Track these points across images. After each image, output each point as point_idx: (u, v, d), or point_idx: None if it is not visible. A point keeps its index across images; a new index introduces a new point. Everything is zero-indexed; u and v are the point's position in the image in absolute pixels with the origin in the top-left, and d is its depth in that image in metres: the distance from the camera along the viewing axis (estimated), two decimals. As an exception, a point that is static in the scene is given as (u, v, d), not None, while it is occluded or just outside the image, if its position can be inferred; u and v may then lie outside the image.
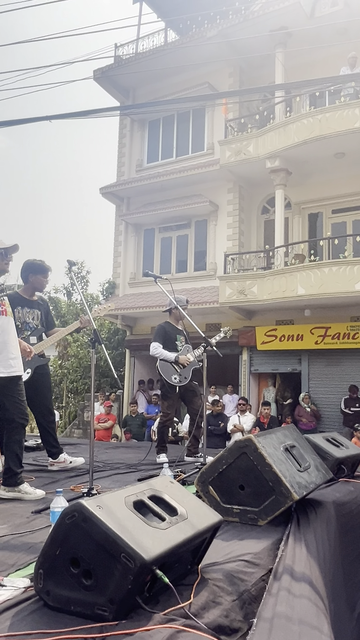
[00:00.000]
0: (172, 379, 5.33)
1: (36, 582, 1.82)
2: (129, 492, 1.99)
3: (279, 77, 12.43)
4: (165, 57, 13.93)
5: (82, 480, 4.15)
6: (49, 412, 4.86)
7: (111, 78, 15.17)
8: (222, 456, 2.96)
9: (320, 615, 1.84)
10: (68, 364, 17.51)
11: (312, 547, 2.51)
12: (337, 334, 11.83)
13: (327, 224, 12.90)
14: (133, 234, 15.25)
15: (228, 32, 12.89)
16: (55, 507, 2.44)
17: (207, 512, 2.18)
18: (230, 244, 13.41)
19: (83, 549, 1.73)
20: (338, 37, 12.21)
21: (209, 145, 14.12)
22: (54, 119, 6.54)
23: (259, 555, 2.33)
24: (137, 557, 1.64)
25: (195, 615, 1.74)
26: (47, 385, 4.87)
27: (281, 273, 11.41)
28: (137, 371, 15.10)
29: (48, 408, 4.83)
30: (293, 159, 12.05)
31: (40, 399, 4.74)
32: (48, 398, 4.85)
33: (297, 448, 3.25)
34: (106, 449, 6.80)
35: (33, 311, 4.77)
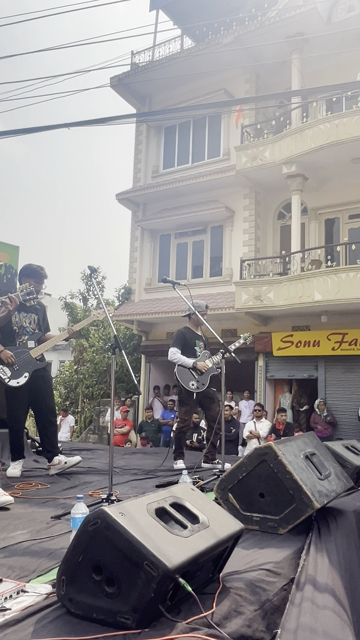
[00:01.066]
0: (189, 385, 5.31)
1: (58, 588, 1.82)
2: (150, 499, 1.98)
3: (295, 83, 12.41)
4: (181, 64, 13.99)
5: (100, 485, 4.16)
6: (50, 415, 4.90)
7: (128, 85, 15.29)
8: (241, 463, 2.94)
9: (345, 628, 1.81)
10: (84, 369, 17.56)
11: (333, 557, 2.48)
12: (355, 340, 11.72)
13: (344, 230, 12.82)
14: (149, 239, 15.29)
15: (244, 39, 12.91)
16: (76, 513, 2.44)
17: (228, 520, 2.17)
18: (246, 249, 13.38)
19: (106, 556, 1.73)
20: (355, 42, 12.17)
21: (225, 151, 14.14)
22: (72, 126, 6.59)
23: (280, 564, 2.31)
24: (160, 566, 1.64)
25: (218, 624, 1.73)
26: (47, 388, 4.90)
27: (297, 279, 11.35)
28: (153, 377, 15.10)
29: (49, 412, 4.87)
30: (309, 165, 12.01)
31: (41, 402, 4.78)
32: (49, 402, 4.88)
33: (317, 456, 3.22)
34: (123, 454, 6.80)
35: (30, 315, 4.81)
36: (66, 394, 18.35)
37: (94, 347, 17.66)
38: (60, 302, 20.31)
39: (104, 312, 3.89)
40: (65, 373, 19.16)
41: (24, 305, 4.75)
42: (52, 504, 3.56)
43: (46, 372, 4.89)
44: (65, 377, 18.77)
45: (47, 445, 4.85)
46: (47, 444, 4.85)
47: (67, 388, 18.40)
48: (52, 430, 4.92)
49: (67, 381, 18.44)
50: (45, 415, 4.84)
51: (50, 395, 4.94)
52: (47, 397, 4.87)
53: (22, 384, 4.54)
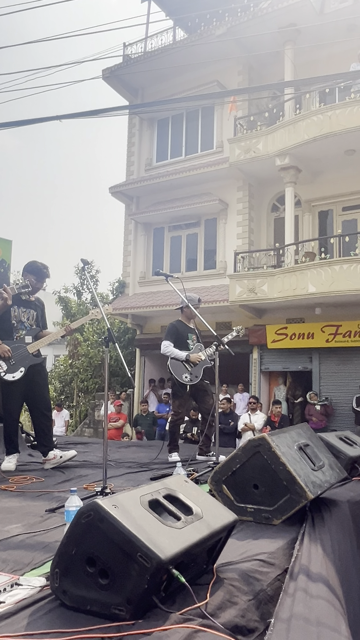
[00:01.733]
0: (183, 378, 5.31)
1: (52, 581, 1.82)
2: (144, 491, 1.98)
3: (288, 74, 12.37)
4: (174, 56, 13.91)
5: (95, 479, 4.16)
6: (46, 409, 4.91)
7: (120, 77, 15.19)
8: (235, 455, 2.94)
9: (338, 616, 1.82)
10: (78, 363, 17.54)
11: (327, 547, 2.49)
12: (349, 332, 11.76)
13: (337, 222, 12.82)
14: (143, 233, 15.25)
15: (236, 30, 12.84)
16: (70, 506, 2.44)
17: (222, 512, 2.17)
18: (240, 242, 13.37)
19: (99, 549, 1.73)
20: (347, 33, 12.13)
21: (218, 143, 14.09)
22: (64, 119, 6.55)
23: (274, 554, 2.32)
24: (153, 557, 1.64)
25: (212, 615, 1.74)
26: (43, 383, 4.91)
27: (291, 271, 11.36)
28: (148, 370, 15.12)
29: (44, 406, 4.88)
30: (303, 157, 11.99)
31: (36, 398, 4.80)
32: (45, 397, 4.90)
33: (311, 447, 3.23)
34: (118, 448, 6.81)
35: (29, 311, 4.83)
36: (61, 388, 18.34)
37: (88, 341, 17.63)
38: (54, 296, 20.25)
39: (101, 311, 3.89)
40: (60, 367, 19.14)
41: (24, 301, 4.78)
42: (47, 498, 3.56)
43: (42, 367, 4.91)
44: (60, 372, 18.75)
45: (42, 440, 4.87)
46: (42, 438, 4.86)
47: (62, 382, 18.39)
48: (47, 424, 4.93)
49: (62, 375, 18.42)
50: (40, 410, 4.86)
51: (45, 390, 4.96)
52: (43, 392, 4.89)
53: (17, 379, 4.56)
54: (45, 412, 4.92)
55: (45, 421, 4.91)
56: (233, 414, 10.51)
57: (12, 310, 4.68)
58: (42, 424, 4.88)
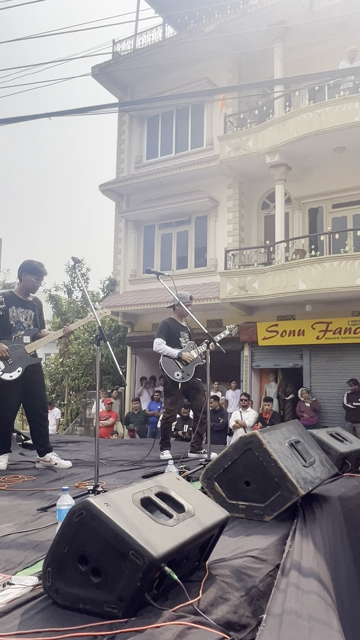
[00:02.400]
0: (175, 376, 5.32)
1: (44, 580, 1.82)
2: (136, 489, 1.99)
3: (278, 71, 12.38)
4: (164, 53, 13.88)
5: (87, 477, 4.16)
6: (42, 410, 4.89)
7: (109, 74, 15.12)
8: (227, 452, 2.95)
9: (330, 611, 1.84)
10: (69, 361, 17.49)
11: (318, 543, 2.51)
12: (339, 329, 11.82)
13: (327, 219, 12.87)
14: (133, 230, 15.23)
15: (226, 27, 12.84)
16: (61, 504, 2.44)
17: (214, 509, 2.18)
18: (230, 239, 13.39)
19: (91, 547, 1.73)
20: (336, 30, 12.16)
21: (208, 140, 14.09)
22: (53, 116, 6.52)
23: (266, 551, 2.33)
24: (145, 555, 1.64)
25: (204, 611, 1.74)
26: (40, 384, 4.90)
27: (282, 268, 11.40)
28: (139, 368, 15.11)
29: (41, 406, 4.86)
30: (293, 154, 12.02)
31: (33, 398, 4.78)
32: (41, 397, 4.88)
33: (302, 443, 3.25)
34: (109, 446, 6.81)
35: (27, 311, 4.82)
36: (52, 386, 18.27)
37: (79, 340, 17.58)
38: (45, 294, 20.15)
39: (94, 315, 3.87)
40: (51, 366, 19.07)
41: (22, 301, 4.77)
42: (39, 496, 3.55)
43: (39, 367, 4.90)
44: (51, 370, 18.68)
45: (39, 440, 4.84)
46: (39, 438, 4.84)
47: (53, 381, 18.32)
48: (44, 425, 4.92)
49: (53, 374, 18.35)
50: (37, 410, 4.84)
51: (42, 390, 4.94)
52: (40, 393, 4.88)
53: (15, 378, 4.55)
54: (42, 412, 4.90)
55: (42, 421, 4.89)
56: (222, 412, 10.54)
57: (11, 311, 4.68)
58: (39, 424, 4.86)
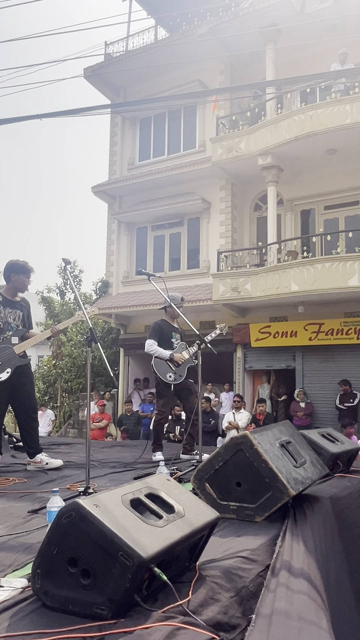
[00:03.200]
0: (167, 377, 5.32)
1: (34, 582, 1.81)
2: (125, 491, 1.98)
3: (270, 74, 12.42)
4: (156, 55, 13.90)
5: (79, 479, 4.14)
6: (32, 411, 4.86)
7: (102, 76, 15.12)
8: (218, 453, 2.96)
9: (319, 611, 1.84)
10: (62, 363, 17.44)
11: (309, 543, 2.51)
12: (331, 330, 11.86)
13: (319, 221, 12.92)
14: (126, 232, 15.22)
15: (218, 29, 12.87)
16: (51, 506, 2.43)
17: (204, 509, 2.18)
18: (223, 241, 13.40)
19: (80, 548, 1.73)
20: (328, 33, 12.22)
21: (200, 142, 14.11)
22: (44, 117, 6.51)
23: (256, 551, 2.33)
24: (135, 556, 1.64)
25: (194, 612, 1.74)
26: (29, 385, 4.87)
27: (274, 270, 11.42)
28: (132, 370, 15.09)
29: (31, 408, 4.84)
30: (285, 156, 12.06)
31: (22, 399, 4.75)
32: (31, 398, 4.85)
33: (293, 444, 3.26)
34: (102, 448, 6.79)
35: (15, 312, 4.78)
36: (45, 388, 18.22)
37: (72, 341, 17.55)
38: (37, 296, 20.11)
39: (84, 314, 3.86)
40: (43, 368, 19.01)
41: (10, 301, 4.74)
42: (30, 499, 3.54)
43: (28, 368, 4.86)
44: (43, 372, 18.63)
45: (29, 442, 4.81)
46: (29, 440, 4.81)
47: (46, 383, 18.27)
48: (34, 426, 4.89)
49: (46, 376, 18.30)
50: (26, 411, 4.81)
51: (32, 391, 4.91)
52: (29, 394, 4.84)
53: (3, 380, 4.52)
54: (32, 414, 4.88)
55: (32, 423, 4.87)
56: (213, 413, 10.56)
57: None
58: (28, 425, 4.83)
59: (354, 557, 3.15)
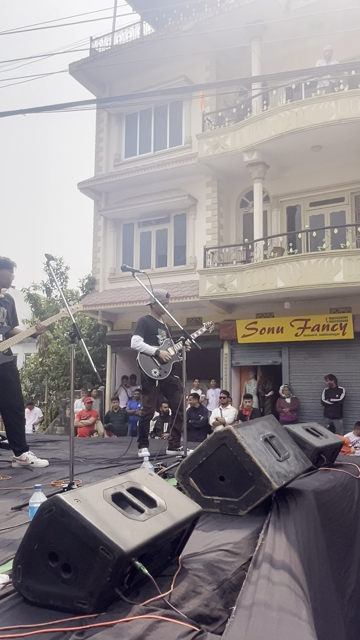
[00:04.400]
0: (152, 373, 5.32)
1: (15, 577, 1.81)
2: (107, 485, 1.99)
3: (256, 70, 12.43)
4: (142, 51, 13.84)
5: (63, 475, 4.13)
6: (18, 409, 4.82)
7: (87, 72, 15.02)
8: (202, 448, 2.96)
9: (299, 602, 1.86)
10: (49, 361, 17.37)
11: (291, 536, 2.53)
12: (317, 326, 11.93)
13: (305, 217, 12.98)
14: (112, 229, 15.16)
15: (204, 25, 12.84)
16: (34, 502, 2.43)
17: (186, 503, 2.19)
18: (209, 237, 13.41)
19: (61, 543, 1.72)
20: (313, 30, 12.25)
21: (186, 139, 14.09)
22: (28, 113, 6.45)
23: (239, 544, 2.35)
24: (115, 549, 1.64)
25: (175, 605, 1.75)
26: (15, 382, 4.83)
27: (260, 266, 11.46)
28: (119, 367, 15.06)
29: (17, 405, 4.80)
30: (271, 152, 12.08)
31: (8, 396, 4.71)
32: (16, 395, 4.81)
33: (277, 438, 3.28)
34: (87, 444, 6.78)
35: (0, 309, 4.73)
36: (32, 386, 18.13)
37: (58, 339, 17.48)
38: (23, 293, 19.99)
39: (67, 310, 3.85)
40: (30, 365, 18.92)
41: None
42: (14, 495, 3.53)
43: (13, 365, 4.82)
44: (30, 370, 18.54)
45: (15, 439, 4.77)
46: (15, 437, 4.77)
47: (33, 380, 18.18)
48: (20, 424, 4.85)
49: (33, 373, 18.21)
50: (12, 409, 4.77)
51: (17, 388, 4.87)
52: (15, 391, 4.80)
53: None
54: (18, 411, 4.83)
55: (18, 420, 4.82)
56: (203, 409, 10.58)
57: None
58: (15, 423, 4.79)
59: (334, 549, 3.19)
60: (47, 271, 20.38)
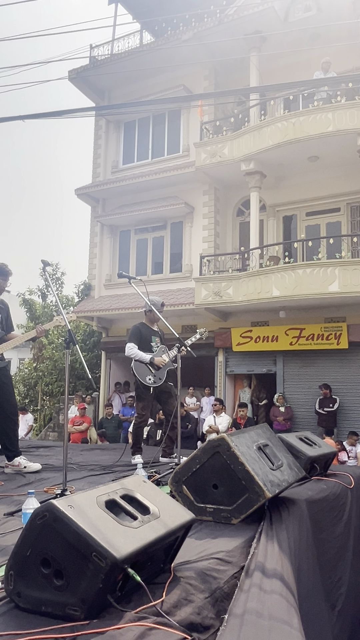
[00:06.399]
0: (146, 380, 5.32)
1: (7, 583, 1.80)
2: (101, 492, 1.99)
3: (254, 80, 12.53)
4: (141, 59, 13.93)
5: (56, 482, 4.12)
6: (12, 413, 4.81)
7: (86, 79, 15.10)
8: (195, 455, 2.97)
9: (291, 610, 1.86)
10: (43, 366, 17.33)
11: (284, 544, 2.54)
12: (312, 335, 11.96)
13: (301, 227, 13.05)
14: (109, 235, 15.19)
15: (203, 35, 12.96)
16: (27, 508, 2.42)
17: (179, 511, 2.19)
18: (205, 245, 13.46)
19: (54, 549, 1.72)
20: (311, 42, 12.38)
21: (184, 147, 14.16)
22: (28, 119, 6.48)
23: (231, 553, 2.35)
24: (108, 556, 1.64)
25: (167, 613, 1.75)
26: (9, 387, 4.82)
27: (256, 275, 11.50)
28: (113, 373, 15.04)
29: (10, 410, 4.79)
30: (268, 162, 12.16)
31: (2, 401, 4.70)
32: (11, 400, 4.80)
33: (270, 447, 3.28)
34: (81, 451, 6.76)
35: None
36: (25, 391, 18.07)
37: (53, 344, 17.45)
38: (19, 298, 19.96)
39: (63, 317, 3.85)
40: (24, 371, 18.86)
41: None
42: (6, 501, 3.51)
43: (6, 370, 4.81)
44: (24, 375, 18.48)
45: (7, 444, 4.76)
46: (7, 442, 4.76)
47: (27, 386, 18.12)
48: (13, 428, 4.83)
49: (27, 379, 18.16)
50: (6, 413, 4.75)
51: (11, 393, 4.85)
52: (8, 396, 4.78)
53: None
54: (11, 416, 4.81)
55: (12, 425, 4.81)
56: (190, 417, 10.57)
57: None
58: (8, 427, 4.77)
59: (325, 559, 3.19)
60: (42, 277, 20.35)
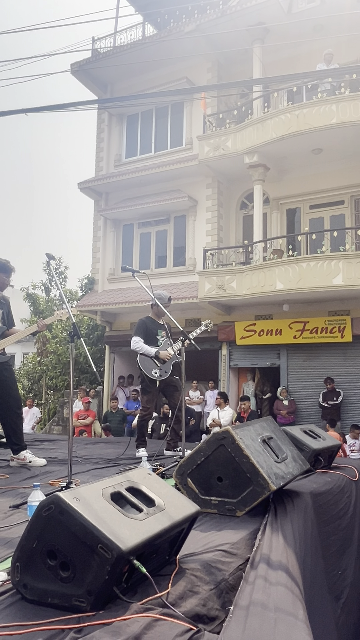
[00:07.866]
0: (152, 374, 5.33)
1: (13, 575, 1.81)
2: (106, 484, 1.99)
3: (257, 72, 12.45)
4: (143, 52, 13.86)
5: (61, 475, 4.14)
6: (16, 407, 4.84)
7: (89, 72, 15.03)
8: (200, 448, 2.97)
9: (296, 602, 1.87)
10: (47, 360, 17.37)
11: (289, 536, 2.54)
12: (315, 329, 11.94)
13: (305, 220, 12.99)
14: (112, 229, 15.17)
15: (206, 27, 12.87)
16: (32, 501, 2.43)
17: (184, 503, 2.19)
18: (209, 239, 13.43)
19: (60, 541, 1.73)
20: (314, 33, 12.28)
21: (187, 140, 14.10)
22: (30, 112, 6.46)
23: (236, 545, 2.35)
24: (114, 548, 1.65)
25: (173, 604, 1.76)
26: (12, 381, 4.84)
27: (260, 268, 11.47)
28: (117, 367, 15.06)
29: (15, 404, 4.82)
30: (271, 155, 12.10)
31: (6, 395, 4.72)
32: (14, 394, 4.83)
33: (275, 440, 3.28)
34: (85, 444, 6.78)
35: None
36: (30, 386, 18.12)
37: (57, 338, 17.48)
38: (22, 292, 19.98)
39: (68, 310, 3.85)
40: (28, 365, 18.91)
41: None
42: (12, 494, 3.53)
43: (9, 365, 4.83)
44: (28, 369, 18.53)
45: (13, 438, 4.79)
46: (12, 436, 4.79)
47: (31, 380, 18.17)
48: (18, 422, 4.87)
49: (31, 373, 18.21)
50: (11, 408, 4.78)
51: (14, 387, 4.88)
52: (12, 390, 4.81)
53: None
54: (16, 410, 4.85)
55: (16, 419, 4.84)
56: (190, 410, 10.60)
57: None
58: (13, 422, 4.80)
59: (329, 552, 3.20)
60: (46, 270, 20.39)
